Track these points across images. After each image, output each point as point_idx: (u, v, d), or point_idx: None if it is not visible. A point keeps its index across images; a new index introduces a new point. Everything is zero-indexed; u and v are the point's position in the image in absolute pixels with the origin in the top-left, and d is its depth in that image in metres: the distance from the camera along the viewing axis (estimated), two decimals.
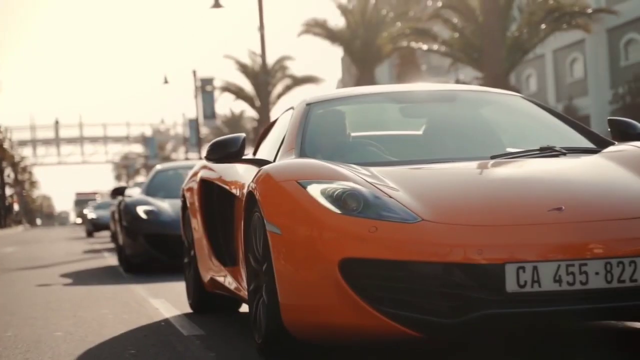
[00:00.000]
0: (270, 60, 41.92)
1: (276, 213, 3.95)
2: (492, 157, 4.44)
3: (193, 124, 51.98)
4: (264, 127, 6.17)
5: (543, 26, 24.10)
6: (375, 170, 4.18)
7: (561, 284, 3.51)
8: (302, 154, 4.65)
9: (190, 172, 6.48)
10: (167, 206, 11.38)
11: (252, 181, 4.28)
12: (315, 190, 3.85)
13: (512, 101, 5.40)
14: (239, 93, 43.83)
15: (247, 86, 43.53)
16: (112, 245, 19.79)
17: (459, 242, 3.57)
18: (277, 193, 4.02)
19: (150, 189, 12.54)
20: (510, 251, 3.54)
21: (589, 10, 24.66)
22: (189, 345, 4.90)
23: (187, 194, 6.33)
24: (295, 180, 3.95)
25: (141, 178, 73.38)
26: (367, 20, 33.95)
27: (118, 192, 12.88)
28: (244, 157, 5.05)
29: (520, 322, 3.60)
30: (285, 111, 5.55)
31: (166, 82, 50.53)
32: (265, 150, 5.51)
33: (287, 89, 42.54)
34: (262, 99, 39.32)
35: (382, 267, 3.60)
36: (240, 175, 5.17)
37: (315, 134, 4.86)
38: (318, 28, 34.34)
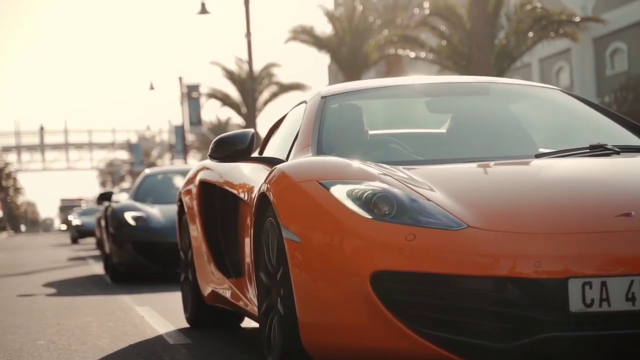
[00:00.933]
0: (257, 67, 41.85)
1: (294, 218, 3.45)
2: (537, 156, 3.95)
3: (179, 131, 51.76)
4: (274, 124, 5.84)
5: (531, 34, 24.09)
6: (405, 169, 3.68)
7: (634, 303, 3.02)
8: (319, 151, 4.13)
9: (188, 174, 5.92)
10: (157, 212, 10.80)
11: (265, 182, 3.76)
12: (340, 191, 3.36)
13: (550, 95, 4.85)
14: (225, 100, 43.71)
15: (234, 93, 43.42)
16: (97, 252, 19.63)
17: (513, 253, 3.08)
18: (296, 195, 3.51)
19: (139, 195, 11.91)
20: (573, 264, 3.04)
21: (577, 19, 24.68)
22: (175, 354, 4.78)
23: (185, 198, 5.78)
24: (316, 181, 3.45)
25: (126, 185, 73.03)
26: (354, 27, 33.89)
27: (105, 197, 12.45)
28: (253, 156, 4.59)
29: (586, 348, 3.07)
30: (295, 106, 5.03)
31: (152, 88, 50.35)
32: (275, 149, 4.98)
33: (274, 95, 42.44)
34: (249, 106, 39.22)
35: (422, 282, 3.12)
36: (247, 176, 4.68)
37: (332, 130, 4.34)
38: (305, 35, 34.26)
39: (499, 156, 4.02)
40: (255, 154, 4.97)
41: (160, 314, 6.76)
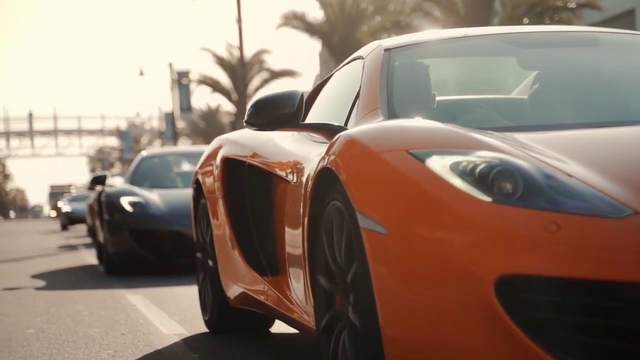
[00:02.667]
0: (248, 53, 41.64)
1: (377, 201, 2.58)
2: None
3: (169, 118, 51.51)
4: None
5: (526, 20, 23.92)
6: (516, 136, 2.83)
7: None
8: (391, 115, 3.28)
9: (207, 151, 4.98)
10: (156, 197, 9.82)
11: (329, 154, 2.91)
12: (440, 164, 2.50)
13: None
14: (216, 86, 43.51)
15: (224, 79, 43.23)
16: (88, 239, 19.39)
17: None
18: (378, 170, 2.63)
19: (135, 178, 10.84)
20: None
21: (572, 5, 24.52)
22: (170, 345, 4.59)
23: (204, 179, 4.84)
24: (405, 150, 2.59)
25: (116, 171, 72.86)
26: (346, 13, 33.69)
27: (98, 181, 11.44)
28: (304, 122, 3.69)
29: None
30: (345, 64, 4.17)
31: (142, 74, 50.04)
32: (323, 115, 4.10)
33: (265, 82, 42.28)
34: (240, 92, 39.04)
35: (570, 291, 2.25)
36: (290, 149, 3.89)
37: (402, 89, 3.49)
38: (296, 21, 34.05)
39: (620, 121, 3.20)
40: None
41: (153, 302, 6.58)
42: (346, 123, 3.60)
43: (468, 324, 2.34)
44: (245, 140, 4.48)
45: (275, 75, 42.29)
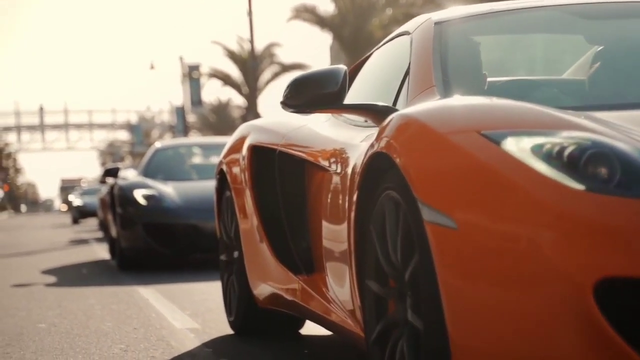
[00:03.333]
0: (259, 46, 41.58)
1: (444, 191, 2.24)
2: None
3: (179, 111, 51.53)
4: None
5: None
6: (597, 115, 2.48)
7: None
8: (448, 93, 2.95)
9: (232, 138, 4.57)
10: (171, 190, 9.41)
11: (382, 136, 2.56)
12: (519, 147, 2.17)
13: None
14: (226, 80, 43.51)
15: (235, 73, 43.23)
16: (99, 234, 19.36)
17: None
18: (445, 155, 2.30)
19: (149, 170, 10.37)
20: None
21: None
22: (183, 339, 4.54)
23: (228, 169, 4.43)
24: (476, 131, 2.24)
25: (126, 165, 72.97)
26: (357, 5, 33.60)
27: (110, 173, 10.94)
28: (349, 103, 3.26)
29: None
30: (389, 40, 3.77)
31: (152, 68, 50.05)
32: (364, 97, 3.66)
33: (275, 75, 42.25)
34: (250, 86, 39.00)
35: None
36: (327, 135, 3.56)
37: (454, 67, 3.13)
38: (307, 14, 34.00)
39: None
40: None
41: (165, 296, 6.53)
42: (394, 104, 3.23)
43: (557, 334, 2.00)
44: (275, 127, 4.09)
45: (286, 68, 42.25)
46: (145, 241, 9.09)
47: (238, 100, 49.18)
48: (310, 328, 4.51)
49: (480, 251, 2.13)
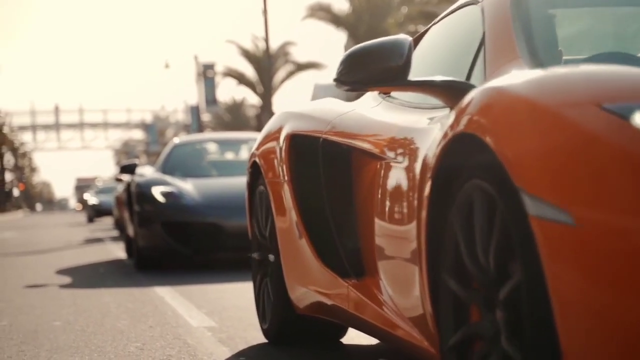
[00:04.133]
0: (273, 45, 41.54)
1: (556, 178, 1.82)
2: None
3: (194, 110, 51.59)
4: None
5: None
6: None
7: None
8: (534, 62, 2.58)
9: (267, 128, 4.13)
10: (190, 187, 9.01)
11: (467, 114, 2.15)
12: None
13: None
14: (241, 78, 43.50)
15: (250, 72, 43.22)
16: (115, 232, 19.33)
17: None
18: (554, 132, 1.87)
19: (167, 167, 9.95)
20: None
21: None
22: (199, 338, 4.47)
23: (263, 161, 3.97)
24: (595, 104, 1.85)
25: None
26: (372, 4, 33.51)
27: (127, 169, 10.32)
28: (417, 80, 2.77)
29: None
30: (452, 11, 3.34)
31: (167, 67, 50.09)
32: (428, 73, 3.13)
33: (290, 74, 42.20)
34: (265, 85, 38.95)
35: None
36: (383, 119, 3.15)
37: (537, 37, 2.75)
38: (322, 12, 33.94)
39: None
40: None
41: (181, 294, 6.46)
42: (467, 79, 2.86)
43: None
44: (319, 113, 3.65)
45: (300, 67, 42.19)
46: (163, 240, 8.67)
47: (253, 99, 49.22)
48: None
49: (607, 253, 1.70)
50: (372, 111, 3.35)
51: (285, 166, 3.69)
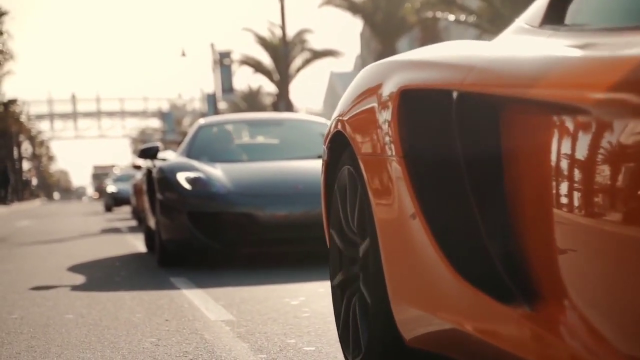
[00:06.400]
0: (290, 33, 41.32)
1: None
2: None
3: (211, 99, 51.43)
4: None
5: None
6: None
7: None
8: None
9: (359, 84, 2.93)
10: (220, 173, 7.87)
11: None
12: None
13: None
14: (258, 66, 43.34)
15: (266, 59, 43.06)
16: (133, 222, 19.12)
17: None
18: None
19: (193, 150, 8.82)
20: None
21: None
22: (218, 332, 4.27)
23: (357, 131, 2.83)
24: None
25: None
26: None
27: (148, 153, 9.12)
28: None
29: None
30: None
31: (184, 55, 49.93)
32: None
33: (306, 62, 41.99)
34: (281, 73, 38.74)
35: None
36: (567, 55, 1.95)
37: None
38: None
39: None
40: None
41: (198, 285, 6.27)
42: None
43: None
44: (448, 58, 2.42)
45: (317, 55, 41.97)
46: (190, 232, 7.58)
47: (269, 87, 49.04)
48: None
49: None
50: (542, 46, 2.18)
51: (395, 135, 2.49)
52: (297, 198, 7.53)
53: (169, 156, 9.04)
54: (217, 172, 7.91)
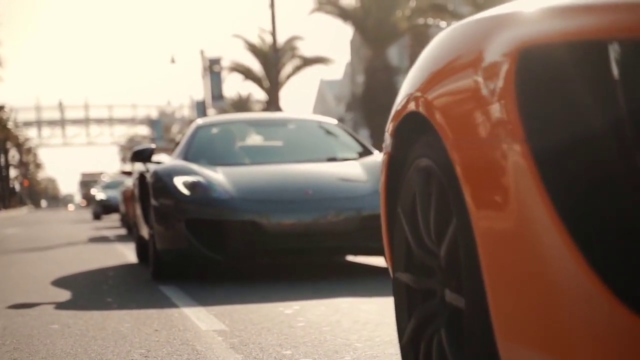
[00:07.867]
0: (280, 39, 41.23)
1: None
2: None
3: (200, 106, 51.28)
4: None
5: None
6: None
7: None
8: None
9: (443, 45, 2.17)
10: (221, 177, 7.16)
11: None
12: None
13: None
14: (248, 73, 43.18)
15: (256, 66, 42.91)
16: (122, 231, 18.84)
17: None
18: None
19: (190, 153, 8.04)
20: None
21: None
22: (209, 343, 4.08)
23: (444, 110, 2.03)
24: None
25: None
26: None
27: (141, 156, 8.07)
28: None
29: None
30: None
31: (173, 61, 49.77)
32: None
33: (297, 69, 41.86)
34: (271, 80, 38.57)
35: None
36: None
37: None
38: (330, 6, 33.58)
39: None
40: None
41: (187, 294, 6.07)
42: None
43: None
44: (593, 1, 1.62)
45: (307, 62, 41.85)
46: (188, 242, 6.84)
47: (259, 94, 48.90)
48: None
49: None
50: None
51: (513, 112, 1.69)
52: (306, 204, 6.79)
53: (164, 159, 8.15)
54: (218, 176, 7.20)
